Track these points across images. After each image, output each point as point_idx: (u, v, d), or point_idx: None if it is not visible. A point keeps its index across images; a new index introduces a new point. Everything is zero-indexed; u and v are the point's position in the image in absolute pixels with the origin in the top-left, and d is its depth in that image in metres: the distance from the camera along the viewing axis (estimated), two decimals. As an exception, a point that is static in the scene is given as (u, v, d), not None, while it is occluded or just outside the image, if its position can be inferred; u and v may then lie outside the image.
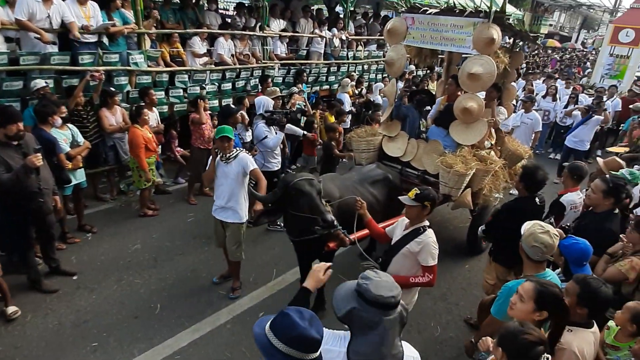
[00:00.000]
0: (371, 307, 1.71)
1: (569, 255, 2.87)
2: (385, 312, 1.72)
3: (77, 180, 5.24)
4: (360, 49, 11.05)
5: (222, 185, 4.26)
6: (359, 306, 1.73)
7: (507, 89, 5.72)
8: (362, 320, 1.73)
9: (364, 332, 1.74)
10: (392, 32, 5.15)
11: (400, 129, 5.52)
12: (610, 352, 2.62)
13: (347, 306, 1.75)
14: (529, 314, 2.23)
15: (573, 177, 4.15)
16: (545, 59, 24.23)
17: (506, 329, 1.97)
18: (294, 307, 1.64)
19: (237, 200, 4.27)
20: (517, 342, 1.88)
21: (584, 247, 2.84)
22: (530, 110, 8.28)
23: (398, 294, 1.74)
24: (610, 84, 12.26)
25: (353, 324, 1.75)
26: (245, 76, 8.22)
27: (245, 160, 4.20)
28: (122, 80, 6.42)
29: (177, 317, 4.22)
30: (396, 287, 1.77)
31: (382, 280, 1.77)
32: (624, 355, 2.53)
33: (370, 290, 1.72)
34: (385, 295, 1.70)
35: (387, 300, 1.70)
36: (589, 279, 2.33)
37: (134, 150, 5.74)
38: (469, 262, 5.64)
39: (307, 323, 1.58)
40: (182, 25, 7.79)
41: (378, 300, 1.70)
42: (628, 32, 13.69)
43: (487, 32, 4.38)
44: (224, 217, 4.34)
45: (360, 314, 1.72)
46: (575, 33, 41.82)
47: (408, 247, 3.15)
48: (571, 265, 2.86)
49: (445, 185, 4.82)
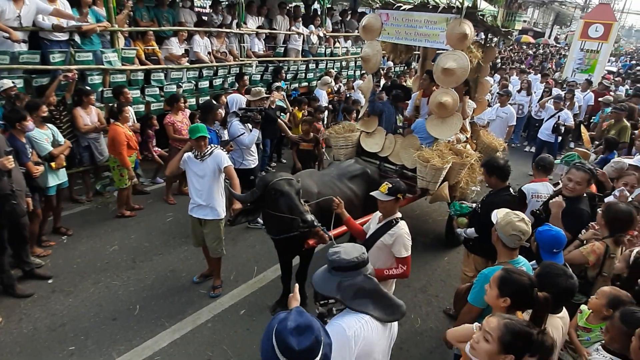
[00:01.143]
0: (352, 271, 1.96)
1: (540, 242, 2.94)
2: (364, 270, 1.98)
3: (60, 180, 5.14)
4: (338, 45, 11.08)
5: (197, 183, 4.22)
6: (341, 278, 1.97)
7: (480, 83, 5.83)
8: (354, 286, 1.96)
9: (359, 295, 1.97)
10: (367, 28, 5.19)
11: (378, 124, 5.57)
12: (582, 334, 2.71)
13: (332, 284, 1.97)
14: (496, 301, 2.29)
15: (538, 168, 4.29)
16: (521, 54, 24.73)
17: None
18: (295, 308, 1.56)
19: (214, 196, 4.25)
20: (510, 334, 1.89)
21: (555, 234, 2.90)
22: (505, 105, 8.46)
23: (364, 251, 2.03)
24: (584, 78, 12.61)
25: (346, 295, 1.95)
26: (222, 74, 8.16)
27: (220, 157, 4.19)
28: (95, 79, 6.29)
29: (156, 318, 4.18)
30: (359, 246, 2.07)
31: (346, 248, 2.03)
32: (595, 336, 2.63)
33: (343, 258, 1.96)
34: (357, 255, 1.98)
35: (362, 258, 1.98)
36: (550, 268, 2.41)
37: (116, 148, 5.61)
38: (448, 255, 5.73)
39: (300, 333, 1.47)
40: (156, 23, 7.68)
41: (354, 262, 1.96)
42: (597, 27, 14.09)
43: (459, 27, 4.45)
44: (202, 215, 4.31)
45: (348, 282, 1.96)
46: (548, 29, 42.76)
47: (382, 240, 3.18)
48: (541, 252, 2.93)
49: (422, 179, 4.90)
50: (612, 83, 14.09)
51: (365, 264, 1.99)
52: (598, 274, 3.20)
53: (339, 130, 5.60)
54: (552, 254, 2.88)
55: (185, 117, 6.52)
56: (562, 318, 2.39)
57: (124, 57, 6.66)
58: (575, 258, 3.21)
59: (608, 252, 3.16)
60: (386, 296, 2.05)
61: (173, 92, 7.02)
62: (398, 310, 2.05)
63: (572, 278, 2.38)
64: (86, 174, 6.40)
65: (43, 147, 4.80)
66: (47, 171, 4.93)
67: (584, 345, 2.62)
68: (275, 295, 4.49)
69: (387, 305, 2.03)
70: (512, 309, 2.31)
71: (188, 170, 4.26)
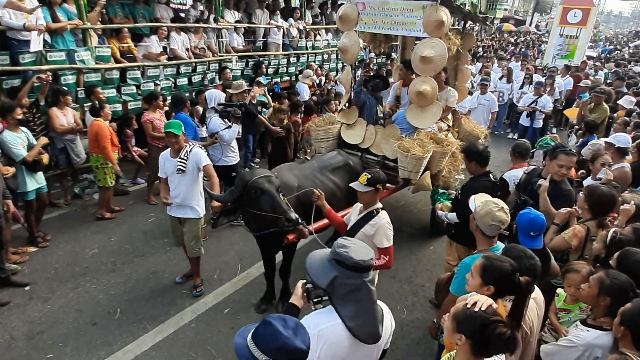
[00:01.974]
0: (353, 272, 1.85)
1: (519, 225, 2.93)
2: (365, 275, 1.87)
3: (38, 184, 4.99)
4: (319, 38, 10.98)
5: (176, 182, 4.13)
6: (340, 274, 1.85)
7: (460, 71, 5.82)
8: (346, 286, 1.86)
9: (349, 297, 1.86)
10: (344, 18, 5.12)
11: (359, 115, 5.52)
12: (562, 315, 2.76)
13: (328, 276, 1.87)
14: (479, 289, 2.26)
15: (515, 155, 4.33)
16: (502, 43, 24.87)
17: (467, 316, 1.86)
18: (277, 315, 1.55)
19: (192, 195, 4.17)
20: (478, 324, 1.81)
21: (534, 217, 2.88)
22: (486, 92, 8.47)
23: (372, 257, 1.90)
24: (563, 64, 12.72)
25: (336, 292, 1.86)
26: (201, 70, 8.03)
27: (199, 156, 4.10)
28: (69, 79, 6.13)
29: (138, 321, 4.09)
30: (370, 250, 1.93)
31: (357, 246, 1.90)
32: (574, 315, 2.68)
33: (351, 257, 1.83)
34: (365, 259, 1.84)
35: (368, 264, 1.85)
36: (510, 249, 2.44)
37: (100, 142, 5.50)
38: (433, 244, 5.73)
39: (291, 332, 1.48)
40: (131, 19, 7.50)
41: (360, 265, 1.83)
42: (576, 12, 14.21)
43: (436, 14, 4.41)
44: (181, 214, 4.23)
45: (343, 281, 1.85)
46: (529, 17, 43.15)
47: (363, 231, 3.13)
48: (520, 235, 2.91)
49: (404, 169, 4.87)
50: (592, 68, 14.28)
51: (369, 270, 1.88)
52: (580, 256, 3.21)
53: (320, 123, 5.54)
54: (530, 237, 2.85)
55: (163, 115, 6.39)
56: (535, 298, 2.38)
57: (98, 55, 6.49)
58: (559, 244, 3.23)
59: (589, 234, 3.17)
60: (373, 314, 1.91)
61: (151, 90, 6.87)
62: (371, 335, 1.89)
63: (532, 259, 2.36)
64: (63, 176, 6.24)
65: (17, 152, 4.63)
66: (25, 175, 4.80)
67: (566, 325, 2.68)
68: (260, 293, 4.44)
69: (367, 322, 1.89)
70: (496, 296, 2.28)
71: (166, 170, 4.17)
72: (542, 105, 8.80)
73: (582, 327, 2.45)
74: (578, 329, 2.45)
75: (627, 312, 2.12)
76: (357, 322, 1.85)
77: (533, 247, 2.81)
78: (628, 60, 17.52)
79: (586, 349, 2.34)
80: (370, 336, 1.89)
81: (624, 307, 2.17)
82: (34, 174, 4.90)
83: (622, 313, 2.14)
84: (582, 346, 2.37)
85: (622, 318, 2.13)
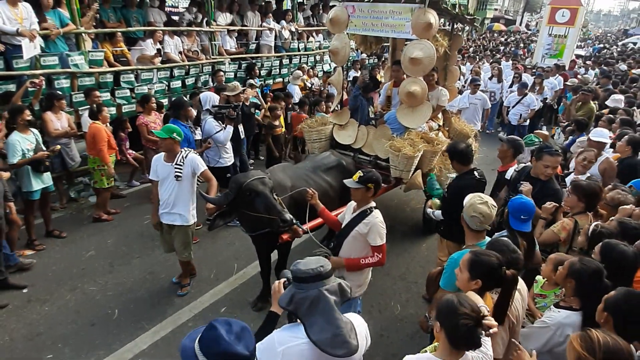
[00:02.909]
0: (307, 284, 1.84)
1: (511, 208, 3.05)
2: (320, 284, 1.86)
3: (44, 184, 5.10)
4: (311, 40, 11.08)
5: (170, 188, 4.15)
6: (297, 289, 1.88)
7: (450, 71, 5.93)
8: (306, 300, 1.85)
9: (311, 312, 1.84)
10: (334, 21, 5.21)
11: (350, 116, 5.61)
12: (539, 301, 2.90)
13: (287, 295, 1.91)
14: (467, 284, 2.36)
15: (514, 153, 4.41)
16: (493, 42, 25.11)
17: (443, 304, 1.96)
18: (223, 318, 1.59)
19: (184, 202, 4.20)
20: (451, 318, 1.88)
21: (523, 201, 3.02)
22: (476, 92, 8.61)
23: (325, 264, 1.90)
24: (553, 63, 12.91)
25: (299, 308, 1.86)
26: (195, 73, 8.10)
27: (196, 162, 4.15)
28: (63, 83, 6.17)
29: (136, 321, 4.15)
30: (323, 260, 1.92)
31: (308, 260, 1.94)
32: (550, 301, 2.81)
33: (300, 269, 1.88)
34: (314, 267, 1.87)
35: (317, 271, 1.86)
36: (494, 243, 2.56)
37: (97, 144, 5.59)
38: (426, 242, 5.84)
39: (233, 337, 1.51)
40: (124, 23, 7.55)
41: (309, 274, 1.85)
42: (564, 12, 14.41)
43: (424, 17, 4.51)
44: (170, 220, 4.26)
45: (301, 295, 1.86)
46: (519, 16, 43.51)
47: (357, 229, 3.21)
48: (510, 218, 3.04)
49: (395, 168, 4.96)
50: (582, 67, 14.49)
51: (323, 278, 1.87)
52: (569, 249, 3.34)
53: (312, 124, 5.63)
54: (521, 221, 2.99)
55: (159, 117, 6.45)
56: (520, 290, 2.49)
57: (92, 59, 6.54)
58: (548, 238, 3.37)
59: (577, 227, 3.31)
60: (337, 324, 1.84)
61: (145, 93, 6.93)
62: (344, 347, 1.81)
63: (515, 252, 2.49)
64: (59, 180, 6.27)
65: (10, 156, 4.70)
66: (31, 175, 4.95)
67: (542, 310, 2.80)
68: (256, 291, 4.51)
69: (334, 334, 1.82)
70: (483, 290, 2.38)
71: (159, 174, 4.20)
72: (527, 104, 8.98)
73: (555, 309, 2.56)
74: (551, 311, 2.57)
75: (610, 300, 2.20)
76: (324, 335, 1.81)
77: (522, 229, 2.98)
78: (616, 59, 17.78)
79: (557, 328, 2.45)
80: (339, 347, 1.82)
81: (608, 294, 2.24)
82: (39, 174, 4.99)
83: (606, 300, 2.22)
84: (554, 325, 2.47)
85: (606, 305, 2.20)
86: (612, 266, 2.51)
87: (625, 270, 2.56)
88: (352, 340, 1.85)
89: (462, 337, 1.87)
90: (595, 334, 1.88)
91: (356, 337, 1.88)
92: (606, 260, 2.59)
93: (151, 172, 4.27)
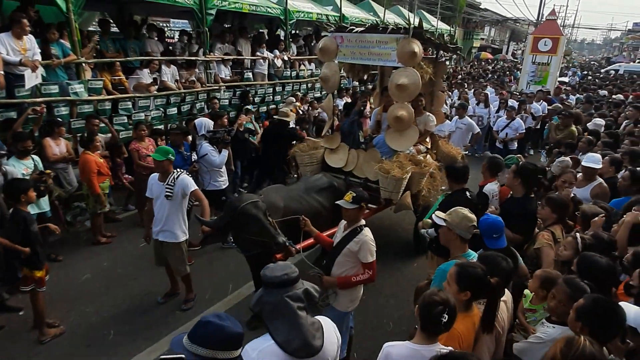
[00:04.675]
0: (272, 289, 1.97)
1: (481, 229, 3.19)
2: (284, 290, 1.96)
3: (39, 209, 5.19)
4: (303, 68, 11.45)
5: (163, 207, 4.34)
6: (264, 293, 1.99)
7: (436, 97, 6.20)
8: (270, 305, 1.96)
9: (274, 316, 1.97)
10: (323, 50, 5.50)
11: (340, 140, 5.82)
12: (529, 315, 2.98)
13: (256, 296, 2.02)
14: (457, 295, 2.45)
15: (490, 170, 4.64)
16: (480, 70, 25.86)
17: (422, 294, 2.22)
18: (210, 314, 1.72)
19: (173, 221, 4.37)
20: (424, 302, 2.15)
21: (491, 220, 3.18)
22: (463, 116, 8.93)
23: (290, 272, 1.99)
24: (537, 89, 13.39)
25: (264, 312, 1.98)
26: (190, 100, 8.35)
27: (186, 182, 4.32)
28: (62, 110, 6.37)
29: (132, 341, 4.20)
30: (289, 267, 2.03)
31: (277, 266, 2.04)
32: (540, 314, 2.89)
33: (266, 274, 1.99)
34: (278, 275, 1.96)
35: (280, 278, 1.95)
36: (488, 256, 2.67)
37: (85, 175, 5.75)
38: (417, 261, 5.96)
39: (229, 322, 1.68)
40: (122, 54, 7.84)
41: (274, 281, 1.95)
42: (546, 41, 15.06)
43: (408, 46, 4.80)
44: (163, 237, 4.44)
45: (266, 299, 1.97)
46: (505, 45, 44.92)
47: (348, 247, 3.32)
48: (484, 239, 3.18)
49: (385, 190, 5.14)
50: (565, 93, 15.01)
51: (287, 285, 1.96)
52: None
53: (304, 148, 5.83)
54: (493, 239, 3.13)
55: (152, 143, 6.62)
56: (505, 301, 2.62)
57: (91, 87, 6.76)
58: (550, 253, 3.40)
59: (555, 237, 3.47)
60: (299, 329, 1.95)
61: (142, 119, 7.14)
62: (305, 349, 1.94)
63: (508, 261, 2.64)
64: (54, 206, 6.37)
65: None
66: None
67: (533, 325, 2.87)
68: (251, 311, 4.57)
69: (296, 337, 1.94)
70: (471, 300, 2.49)
71: (153, 192, 4.39)
72: (515, 127, 9.30)
73: (547, 324, 2.64)
74: (545, 327, 2.64)
75: (580, 308, 2.26)
76: (286, 337, 1.93)
77: (498, 247, 3.09)
78: (599, 85, 18.41)
79: None
80: (301, 350, 1.94)
81: (577, 302, 2.31)
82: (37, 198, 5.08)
83: (577, 309, 2.27)
84: (550, 341, 2.49)
85: (577, 313, 2.26)
86: (588, 277, 2.63)
87: (600, 281, 2.67)
88: (316, 341, 1.97)
89: (431, 322, 2.10)
90: (580, 341, 1.96)
91: (322, 337, 2.01)
92: (583, 273, 2.73)
93: (147, 189, 4.46)
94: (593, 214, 3.53)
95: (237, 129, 7.26)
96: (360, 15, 13.27)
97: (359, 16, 13.00)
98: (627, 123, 8.21)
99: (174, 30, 17.93)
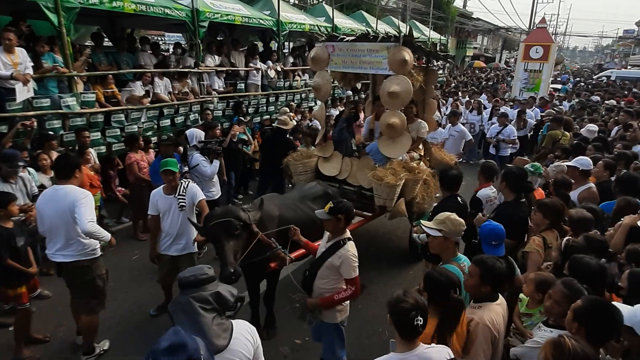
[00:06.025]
0: (183, 290, 1.99)
1: (481, 235, 3.19)
2: (190, 291, 1.96)
3: None
4: (297, 78, 11.51)
5: (174, 219, 4.26)
6: (179, 294, 2.01)
7: (428, 104, 6.23)
8: (179, 305, 1.97)
9: (178, 315, 1.94)
10: (315, 60, 5.53)
11: (335, 149, 5.83)
12: (525, 320, 2.96)
13: (176, 297, 2.04)
14: (421, 293, 2.50)
15: (484, 175, 4.64)
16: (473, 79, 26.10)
17: (392, 298, 2.23)
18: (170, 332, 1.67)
19: (187, 231, 4.33)
20: (395, 310, 2.16)
21: (492, 227, 3.17)
22: (456, 124, 8.98)
23: (199, 274, 1.98)
24: (529, 96, 13.51)
25: (175, 313, 1.96)
26: (184, 111, 8.36)
27: (195, 191, 4.32)
28: (55, 124, 6.35)
29: (124, 355, 4.14)
30: (200, 269, 2.02)
31: (192, 268, 2.05)
32: (536, 319, 2.88)
33: (179, 276, 2.02)
34: (187, 276, 1.98)
35: (187, 279, 1.97)
36: (484, 259, 2.64)
37: None
38: (412, 269, 5.92)
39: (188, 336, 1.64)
40: (115, 67, 7.86)
41: (182, 282, 1.98)
42: (537, 49, 15.25)
43: (399, 54, 4.83)
44: (177, 251, 4.36)
45: (178, 299, 1.99)
46: (498, 54, 45.41)
47: (330, 261, 3.24)
48: (483, 245, 3.17)
49: (379, 197, 5.13)
50: (557, 99, 15.15)
51: (193, 286, 1.96)
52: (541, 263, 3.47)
53: (298, 157, 5.83)
54: (492, 246, 3.12)
55: (144, 155, 6.60)
56: (501, 305, 2.61)
57: (84, 101, 6.76)
58: (537, 260, 3.37)
59: (546, 242, 3.46)
60: (203, 328, 1.91)
61: (134, 132, 7.13)
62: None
63: (503, 264, 2.63)
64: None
65: None
66: None
67: (529, 329, 2.86)
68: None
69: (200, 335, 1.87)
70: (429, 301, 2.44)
71: (160, 208, 4.31)
72: (507, 134, 9.36)
73: (545, 328, 2.63)
74: (542, 330, 2.63)
75: (578, 309, 2.26)
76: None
77: (496, 254, 3.06)
78: (591, 91, 18.60)
79: None
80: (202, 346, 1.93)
81: (574, 303, 2.31)
82: None
83: (574, 310, 2.27)
84: None
85: (574, 314, 2.26)
86: (580, 279, 2.63)
87: (591, 282, 2.67)
88: (220, 341, 1.95)
89: (407, 329, 2.10)
90: (568, 342, 1.97)
91: (228, 337, 2.00)
92: (574, 274, 2.72)
93: (150, 207, 4.37)
94: (580, 218, 3.49)
95: (230, 139, 7.26)
96: (352, 25, 13.41)
97: (352, 27, 13.13)
98: (619, 128, 8.28)
99: (168, 44, 18.06)
